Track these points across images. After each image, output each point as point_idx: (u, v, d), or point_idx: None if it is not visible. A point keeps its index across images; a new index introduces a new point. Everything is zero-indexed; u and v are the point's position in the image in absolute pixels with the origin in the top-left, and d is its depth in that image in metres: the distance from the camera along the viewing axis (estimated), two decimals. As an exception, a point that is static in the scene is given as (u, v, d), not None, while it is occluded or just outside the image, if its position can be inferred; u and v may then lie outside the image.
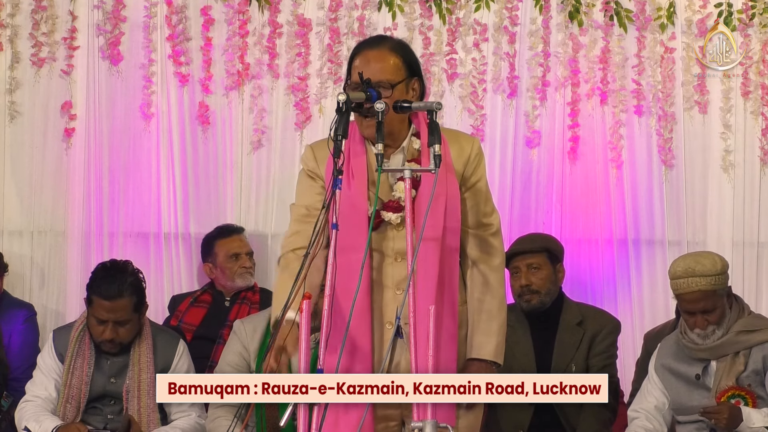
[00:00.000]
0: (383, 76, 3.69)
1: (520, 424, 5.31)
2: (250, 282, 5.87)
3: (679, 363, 4.96)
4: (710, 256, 4.94)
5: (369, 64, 3.70)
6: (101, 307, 5.00)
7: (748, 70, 6.28)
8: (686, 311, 4.91)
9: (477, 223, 3.84)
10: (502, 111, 6.30)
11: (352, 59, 3.76)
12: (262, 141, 6.23)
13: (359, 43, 3.88)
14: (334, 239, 3.45)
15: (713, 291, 4.84)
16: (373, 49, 3.75)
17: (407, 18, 6.27)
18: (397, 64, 3.73)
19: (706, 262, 4.86)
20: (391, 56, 3.73)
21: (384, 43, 3.80)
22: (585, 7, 6.27)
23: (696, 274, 4.83)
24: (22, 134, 6.18)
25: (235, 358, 4.97)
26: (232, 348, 5.00)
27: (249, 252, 5.92)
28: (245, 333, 4.98)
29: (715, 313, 4.87)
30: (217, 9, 6.26)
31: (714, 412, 4.77)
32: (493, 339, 3.79)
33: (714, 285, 4.84)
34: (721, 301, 4.88)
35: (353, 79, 3.68)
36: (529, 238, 5.66)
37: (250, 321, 5.06)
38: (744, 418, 4.75)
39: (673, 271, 4.92)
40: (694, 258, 4.96)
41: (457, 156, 3.81)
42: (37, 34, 6.16)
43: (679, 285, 4.88)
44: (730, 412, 4.74)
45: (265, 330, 4.96)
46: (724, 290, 4.89)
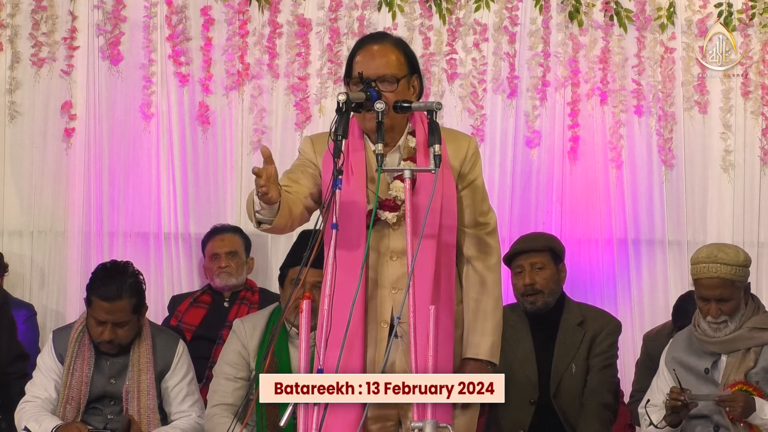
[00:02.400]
0: (388, 71, 3.70)
1: (520, 424, 5.31)
2: (228, 282, 5.85)
3: (689, 356, 4.96)
4: (735, 248, 4.99)
5: (374, 59, 3.71)
6: (100, 308, 4.99)
7: (748, 70, 6.28)
8: (702, 297, 4.92)
9: (474, 221, 3.83)
10: (502, 111, 6.30)
11: (353, 55, 3.77)
12: (262, 141, 6.23)
13: (360, 39, 3.89)
14: (333, 239, 3.46)
15: (732, 281, 4.87)
16: (377, 44, 3.77)
17: (407, 18, 6.27)
18: (399, 60, 3.74)
19: (729, 251, 4.91)
20: (394, 52, 3.75)
21: (386, 38, 3.82)
22: (585, 7, 6.27)
23: (718, 261, 4.87)
24: (22, 134, 6.19)
25: (234, 357, 4.97)
26: (232, 347, 5.00)
27: (230, 252, 5.88)
28: (244, 332, 4.98)
29: (730, 303, 4.88)
30: (217, 9, 6.26)
31: (729, 400, 4.78)
32: (489, 339, 3.80)
33: (733, 275, 4.86)
34: (737, 294, 4.90)
35: (354, 77, 3.69)
36: (532, 237, 5.65)
37: (249, 320, 5.06)
38: (757, 409, 4.77)
39: (696, 256, 4.95)
40: (718, 246, 5.01)
41: (455, 154, 3.81)
42: (37, 34, 6.16)
43: (699, 270, 4.91)
44: (744, 401, 4.76)
45: (264, 329, 4.96)
46: (743, 284, 4.91)
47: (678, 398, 4.82)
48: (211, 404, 4.95)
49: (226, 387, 4.94)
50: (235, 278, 5.89)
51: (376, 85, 3.64)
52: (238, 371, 4.95)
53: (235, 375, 4.95)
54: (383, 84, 3.68)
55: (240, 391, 4.92)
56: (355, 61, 3.74)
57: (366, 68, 3.69)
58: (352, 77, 3.71)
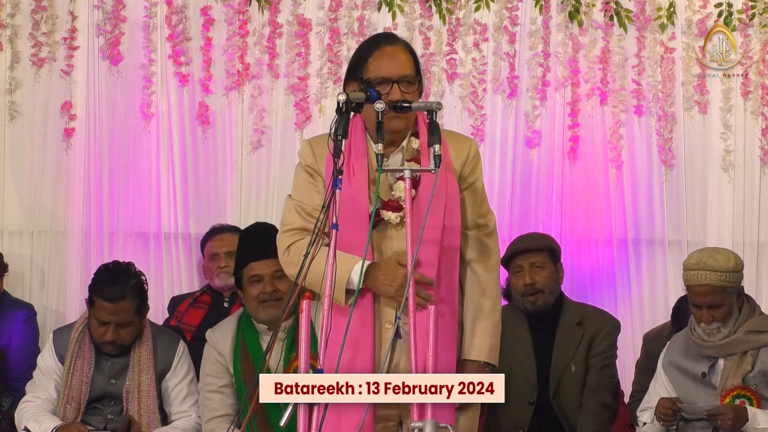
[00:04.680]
0: (410, 71, 3.72)
1: (520, 424, 5.31)
2: (228, 282, 5.84)
3: (686, 360, 4.96)
4: (725, 253, 4.94)
5: (395, 58, 3.73)
6: (103, 309, 4.99)
7: (748, 70, 6.28)
8: (694, 304, 4.92)
9: (473, 223, 3.84)
10: (502, 111, 6.30)
11: (366, 56, 3.75)
12: (262, 141, 6.23)
13: (376, 40, 3.88)
14: (333, 239, 3.46)
15: (722, 287, 4.84)
16: (395, 45, 3.78)
17: (407, 18, 6.27)
18: (412, 61, 3.77)
19: (719, 258, 4.87)
20: (406, 53, 3.78)
21: (399, 40, 3.85)
22: (585, 7, 6.27)
23: (707, 268, 4.84)
24: (22, 134, 6.18)
25: (213, 367, 4.92)
26: (209, 358, 4.95)
27: (229, 252, 5.87)
28: (216, 339, 4.94)
29: (721, 309, 4.86)
30: (217, 9, 6.26)
31: (719, 414, 4.76)
32: (488, 340, 3.80)
33: (724, 281, 4.83)
34: (729, 299, 4.87)
35: (375, 78, 3.68)
36: (530, 237, 5.66)
37: (218, 327, 5.01)
38: (750, 419, 4.75)
39: (686, 262, 4.94)
40: (708, 252, 4.97)
41: (456, 155, 3.82)
42: (37, 34, 6.16)
43: (689, 276, 4.89)
44: (735, 414, 4.74)
45: (235, 333, 4.94)
46: (735, 289, 4.88)
47: (669, 410, 4.83)
48: (206, 419, 4.91)
49: (213, 400, 4.89)
50: None
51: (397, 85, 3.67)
52: (220, 379, 4.90)
53: (219, 384, 4.89)
54: (404, 85, 3.69)
55: (228, 399, 4.89)
56: (371, 62, 3.73)
57: (386, 69, 3.70)
58: (372, 79, 3.69)
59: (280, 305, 4.79)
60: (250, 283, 4.86)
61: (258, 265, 4.83)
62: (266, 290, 4.82)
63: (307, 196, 3.78)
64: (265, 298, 4.83)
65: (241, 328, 4.92)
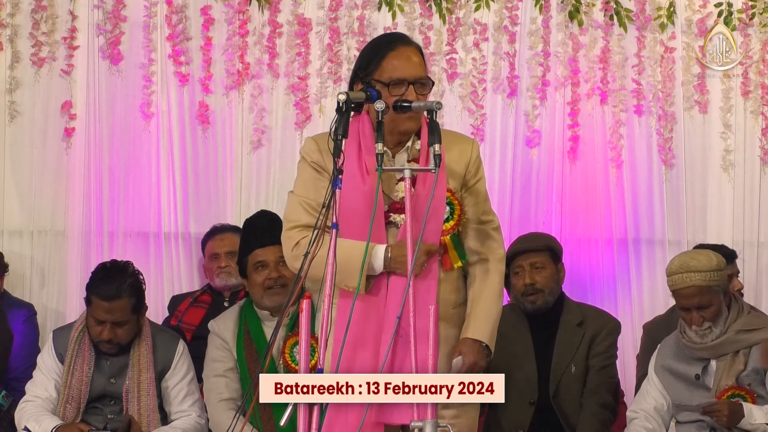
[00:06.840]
0: (423, 72, 3.76)
1: (520, 424, 5.31)
2: (228, 282, 5.84)
3: (678, 363, 4.96)
4: (706, 253, 4.95)
5: (412, 59, 3.74)
6: (99, 308, 5.00)
7: (748, 69, 6.28)
8: (682, 307, 4.92)
9: (477, 219, 3.87)
10: (502, 111, 6.30)
11: (381, 56, 3.75)
12: (262, 141, 6.23)
13: (390, 41, 3.87)
14: (333, 239, 3.46)
15: (708, 287, 4.84)
16: (409, 46, 3.79)
17: (407, 18, 6.27)
18: (424, 63, 3.80)
19: (701, 258, 4.88)
20: (420, 55, 3.80)
21: (411, 41, 3.85)
22: (585, 7, 6.27)
23: (691, 269, 4.84)
24: (22, 134, 6.18)
25: (218, 351, 4.95)
26: (213, 344, 4.99)
27: (230, 252, 5.87)
28: (219, 327, 4.99)
29: (710, 309, 4.86)
30: (217, 9, 6.26)
31: (714, 410, 4.76)
32: (490, 324, 3.82)
33: (709, 281, 4.84)
34: (717, 298, 4.87)
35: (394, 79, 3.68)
36: (530, 237, 5.66)
37: (221, 317, 5.07)
38: (745, 414, 4.75)
39: (669, 267, 4.94)
40: (690, 254, 5.00)
41: (458, 157, 3.82)
42: (37, 33, 6.16)
43: (674, 281, 4.89)
44: (730, 409, 4.75)
45: (237, 319, 4.96)
46: (720, 287, 4.89)
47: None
48: (212, 403, 4.93)
49: (219, 384, 4.92)
50: (235, 278, 5.87)
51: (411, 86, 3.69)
52: (225, 363, 4.93)
53: (224, 368, 4.93)
54: (418, 86, 3.70)
55: (234, 383, 4.92)
56: (385, 63, 3.73)
57: (402, 71, 3.70)
58: (387, 80, 3.69)
59: (285, 292, 4.81)
60: (255, 270, 4.88)
61: (263, 251, 4.86)
62: (272, 276, 4.84)
63: (314, 192, 3.77)
64: (270, 285, 4.85)
65: (244, 316, 4.95)
